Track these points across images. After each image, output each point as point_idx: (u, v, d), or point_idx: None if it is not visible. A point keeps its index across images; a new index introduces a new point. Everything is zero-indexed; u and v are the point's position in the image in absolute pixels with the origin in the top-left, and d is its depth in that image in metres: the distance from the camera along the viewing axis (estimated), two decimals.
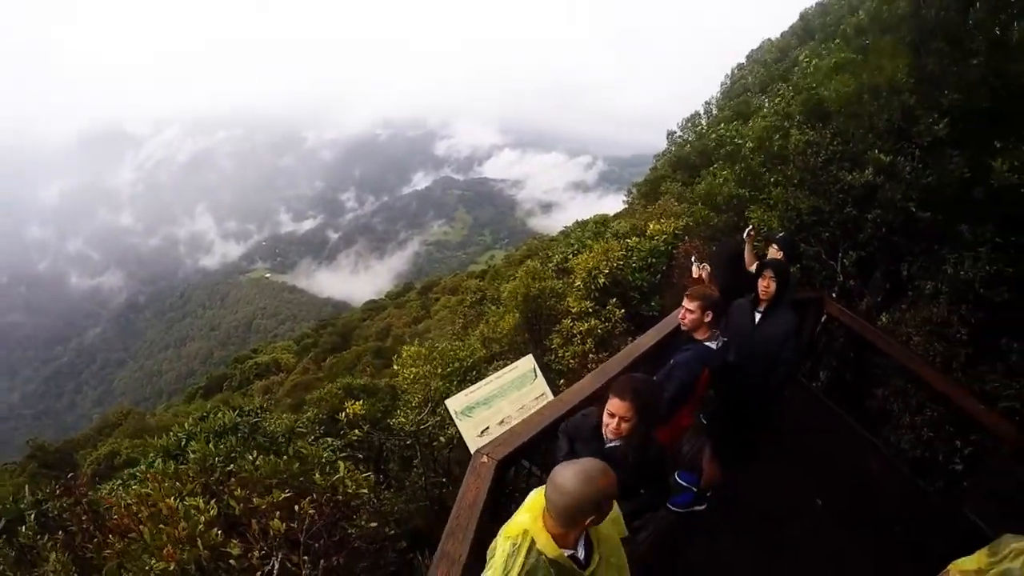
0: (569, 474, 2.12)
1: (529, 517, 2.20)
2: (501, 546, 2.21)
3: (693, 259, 5.93)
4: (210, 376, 51.52)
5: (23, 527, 4.51)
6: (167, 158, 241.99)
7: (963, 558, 3.07)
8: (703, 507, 5.01)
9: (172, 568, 3.45)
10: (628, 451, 3.03)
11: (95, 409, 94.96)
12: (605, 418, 3.06)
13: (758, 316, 4.63)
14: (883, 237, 6.34)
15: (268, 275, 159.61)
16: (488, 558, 2.31)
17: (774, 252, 5.50)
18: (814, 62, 6.88)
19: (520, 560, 2.14)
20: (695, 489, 5.08)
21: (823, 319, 6.68)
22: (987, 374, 5.61)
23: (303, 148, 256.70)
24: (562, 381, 8.37)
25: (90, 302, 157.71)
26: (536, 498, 2.30)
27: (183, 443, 6.10)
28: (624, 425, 2.99)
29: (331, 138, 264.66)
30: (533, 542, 2.16)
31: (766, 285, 4.55)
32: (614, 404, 3.01)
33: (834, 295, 7.05)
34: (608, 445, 3.08)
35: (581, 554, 2.28)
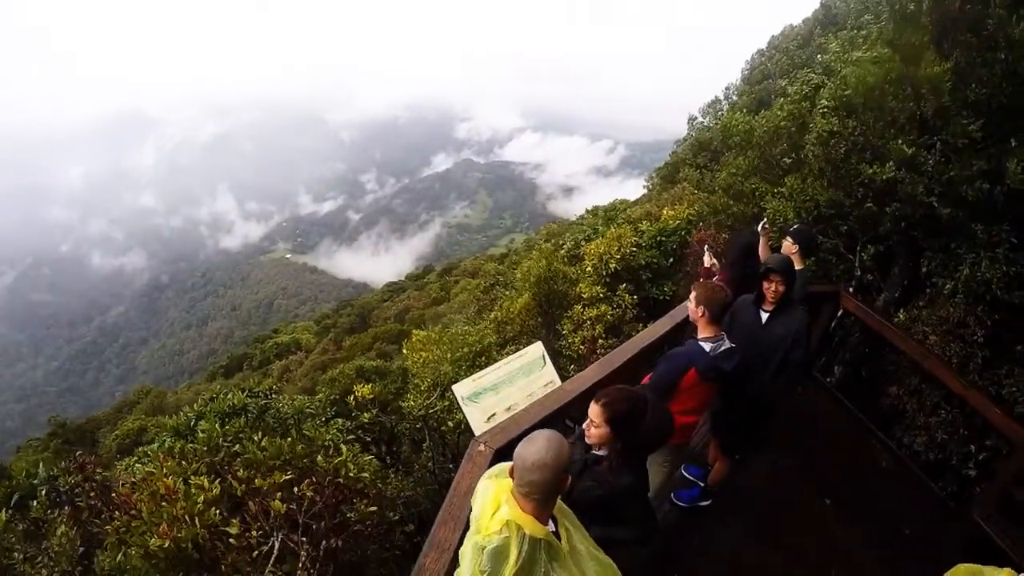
0: (540, 450, 2.15)
1: (507, 508, 2.18)
2: (494, 543, 2.16)
3: (706, 248, 5.83)
4: (231, 355, 52.03)
5: (34, 502, 4.64)
6: (188, 140, 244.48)
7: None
8: (708, 503, 4.94)
9: (168, 545, 3.50)
10: (608, 468, 2.90)
11: (118, 387, 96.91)
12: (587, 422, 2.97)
13: (764, 316, 4.45)
14: (903, 232, 6.17)
15: (289, 256, 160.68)
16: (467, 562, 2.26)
17: (789, 245, 5.36)
18: (851, 53, 6.62)
19: (514, 552, 2.11)
20: (701, 484, 5.01)
21: (839, 314, 6.55)
22: (1004, 378, 5.44)
23: (323, 130, 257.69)
24: (572, 367, 8.35)
25: (113, 282, 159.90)
26: (499, 489, 2.29)
27: (193, 423, 6.17)
28: (594, 431, 2.89)
29: (351, 120, 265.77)
30: (519, 530, 2.13)
31: (774, 289, 4.36)
32: (590, 407, 2.92)
33: (851, 289, 6.91)
34: (591, 452, 2.98)
35: (552, 528, 2.28)
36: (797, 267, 5.27)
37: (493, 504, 2.25)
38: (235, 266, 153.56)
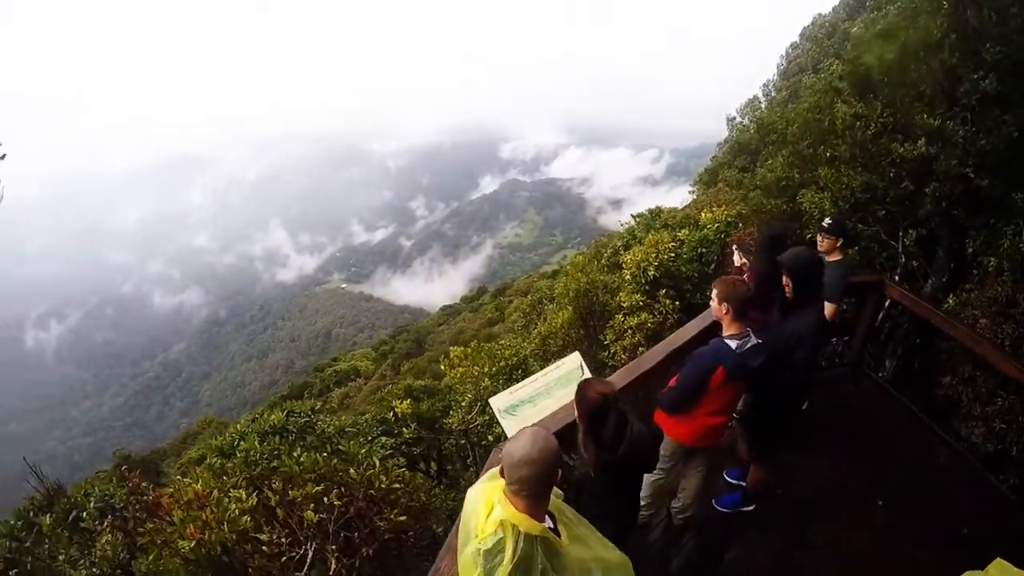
0: (525, 445, 2.14)
1: (500, 508, 2.16)
2: (488, 544, 2.12)
3: (734, 248, 5.72)
4: (292, 385, 52.70)
5: (84, 513, 4.96)
6: (237, 178, 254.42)
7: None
8: (751, 508, 4.78)
9: (194, 546, 3.68)
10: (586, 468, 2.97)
11: (182, 419, 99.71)
12: None
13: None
14: (943, 212, 5.91)
15: (344, 285, 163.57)
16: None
17: (830, 242, 5.19)
18: (861, 30, 6.51)
19: (509, 550, 2.07)
20: (743, 484, 4.87)
21: (887, 304, 6.29)
22: None
23: (369, 159, 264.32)
24: None
25: (173, 319, 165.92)
26: (491, 492, 2.26)
27: (236, 443, 6.37)
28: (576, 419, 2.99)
29: (396, 148, 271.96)
30: (514, 529, 2.10)
31: (785, 283, 4.25)
32: None
33: (897, 277, 6.65)
34: None
35: (550, 525, 2.24)
36: (835, 259, 5.12)
37: (486, 507, 2.22)
38: (292, 298, 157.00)
